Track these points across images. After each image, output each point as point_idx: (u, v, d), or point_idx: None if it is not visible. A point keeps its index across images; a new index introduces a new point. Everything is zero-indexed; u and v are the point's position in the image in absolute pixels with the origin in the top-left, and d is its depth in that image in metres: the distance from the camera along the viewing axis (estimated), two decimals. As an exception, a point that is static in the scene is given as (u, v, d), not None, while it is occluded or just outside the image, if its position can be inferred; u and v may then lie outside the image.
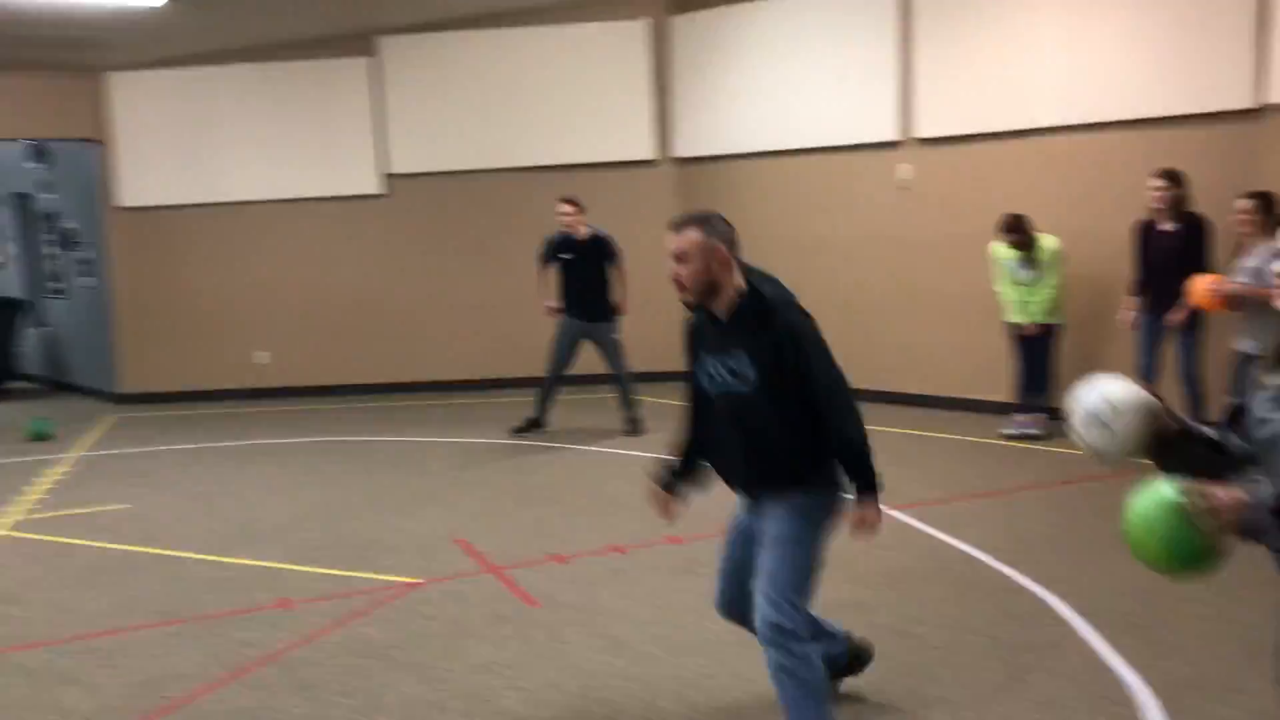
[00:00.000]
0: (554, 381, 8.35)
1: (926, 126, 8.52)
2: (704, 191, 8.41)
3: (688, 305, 3.29)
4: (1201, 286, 6.04)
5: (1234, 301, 5.96)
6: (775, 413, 3.18)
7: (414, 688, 4.00)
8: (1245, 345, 5.99)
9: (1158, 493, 2.13)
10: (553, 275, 8.25)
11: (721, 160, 9.86)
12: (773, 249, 9.25)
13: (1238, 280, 5.96)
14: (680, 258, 3.14)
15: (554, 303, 8.25)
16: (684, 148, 10.18)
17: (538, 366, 10.46)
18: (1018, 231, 7.22)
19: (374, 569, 5.33)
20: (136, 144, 10.34)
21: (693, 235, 3.14)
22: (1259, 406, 2.33)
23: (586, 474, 7.11)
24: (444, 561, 5.42)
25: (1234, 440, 2.38)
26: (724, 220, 3.21)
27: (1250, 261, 5.96)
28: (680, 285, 3.18)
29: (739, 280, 3.19)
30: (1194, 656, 3.98)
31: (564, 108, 10.13)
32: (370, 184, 10.38)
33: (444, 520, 6.17)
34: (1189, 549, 2.06)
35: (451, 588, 5.04)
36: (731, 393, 3.21)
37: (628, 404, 8.28)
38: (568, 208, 8.22)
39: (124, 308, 10.66)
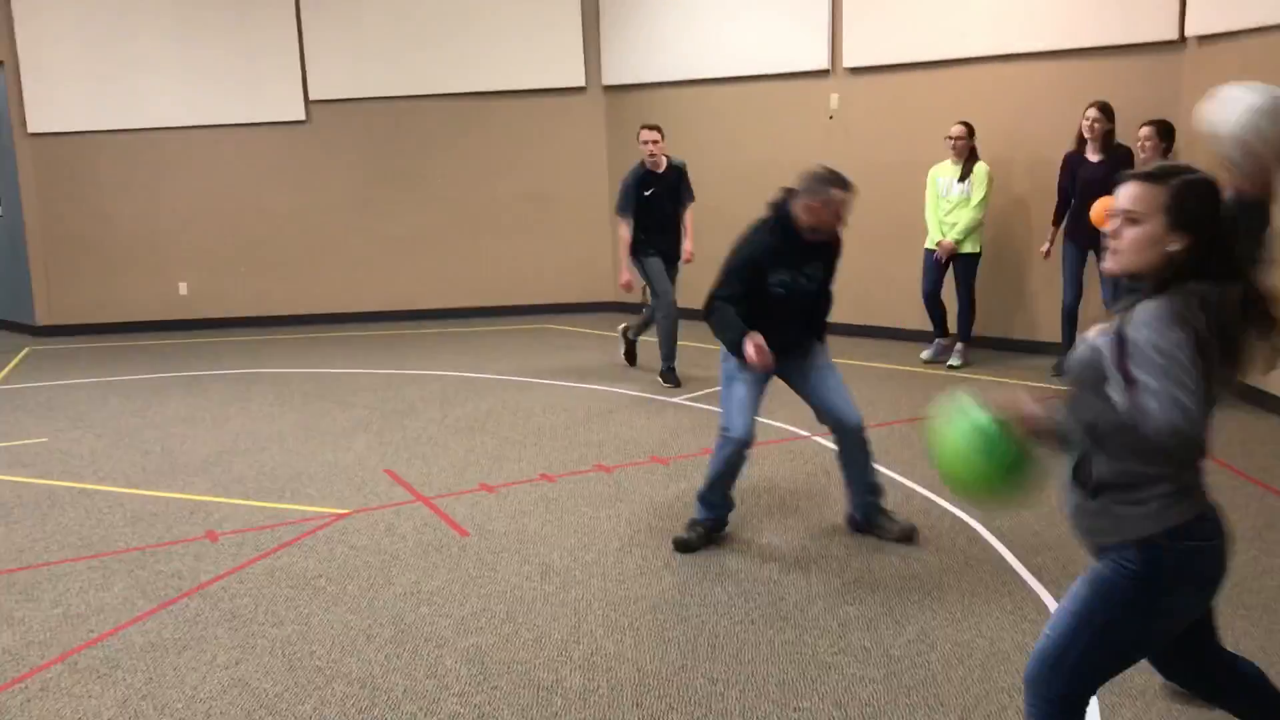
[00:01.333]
0: (669, 316, 7.25)
1: (855, 56, 8.51)
2: (632, 120, 8.35)
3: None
4: (1100, 209, 6.12)
5: None
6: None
7: (343, 616, 4.02)
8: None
9: (966, 415, 2.25)
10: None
11: (651, 88, 9.77)
12: (707, 176, 9.28)
13: None
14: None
15: (632, 276, 7.24)
16: (613, 75, 10.06)
17: (463, 298, 10.43)
18: (968, 137, 7.34)
19: (301, 500, 5.30)
20: (43, 65, 9.95)
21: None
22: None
23: (516, 404, 7.10)
24: (372, 492, 5.41)
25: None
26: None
27: None
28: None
29: None
30: (1103, 573, 4.13)
31: (491, 33, 9.94)
32: (294, 110, 10.13)
33: (372, 451, 6.14)
34: (1004, 458, 2.19)
35: (380, 518, 5.04)
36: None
37: (637, 333, 7.73)
38: (654, 134, 6.96)
39: (37, 238, 10.32)
